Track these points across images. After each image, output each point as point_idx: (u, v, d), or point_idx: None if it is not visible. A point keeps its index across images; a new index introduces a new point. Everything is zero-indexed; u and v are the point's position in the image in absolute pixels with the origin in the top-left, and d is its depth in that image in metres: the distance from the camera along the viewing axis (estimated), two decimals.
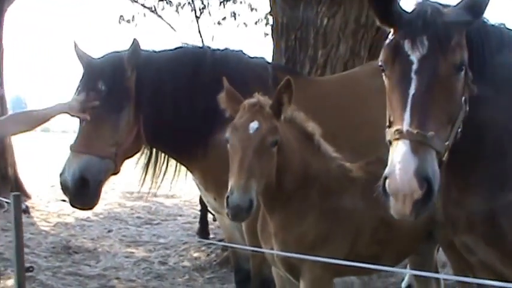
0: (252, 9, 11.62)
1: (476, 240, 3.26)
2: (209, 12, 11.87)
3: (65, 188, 4.59)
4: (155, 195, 14.75)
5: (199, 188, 5.29)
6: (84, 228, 10.77)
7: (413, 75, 2.76)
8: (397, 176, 2.61)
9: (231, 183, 3.44)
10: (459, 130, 2.89)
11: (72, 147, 4.62)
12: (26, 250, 8.69)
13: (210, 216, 10.54)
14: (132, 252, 9.11)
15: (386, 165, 4.16)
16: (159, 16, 12.60)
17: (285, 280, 4.24)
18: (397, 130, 2.70)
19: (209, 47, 5.28)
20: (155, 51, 5.02)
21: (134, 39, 4.78)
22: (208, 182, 4.98)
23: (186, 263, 8.52)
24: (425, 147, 2.65)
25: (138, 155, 5.05)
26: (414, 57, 2.78)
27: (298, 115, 3.92)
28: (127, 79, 4.72)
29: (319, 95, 5.04)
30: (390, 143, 2.79)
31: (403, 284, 6.61)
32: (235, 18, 11.75)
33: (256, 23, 11.90)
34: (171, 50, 5.08)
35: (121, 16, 13.02)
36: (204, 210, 10.22)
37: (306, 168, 3.88)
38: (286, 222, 3.86)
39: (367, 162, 4.29)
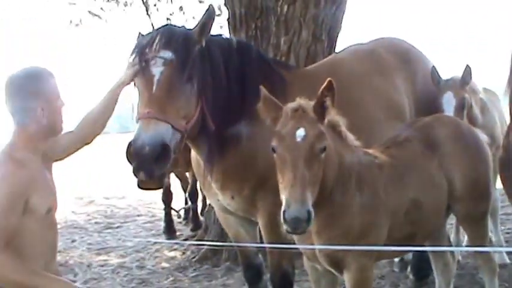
0: (201, 2, 11.55)
1: None
2: (157, 9, 11.82)
3: (139, 156, 4.11)
4: (106, 198, 14.68)
5: (203, 186, 5.24)
6: None
7: None
8: None
9: (286, 196, 3.39)
10: None
11: (143, 114, 4.21)
12: None
13: (173, 213, 10.51)
14: (106, 260, 8.91)
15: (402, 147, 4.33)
16: (103, 19, 12.49)
17: (320, 273, 4.28)
18: None
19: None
20: None
21: (210, 5, 4.60)
22: (227, 179, 4.86)
23: (164, 264, 8.42)
24: None
25: None
26: None
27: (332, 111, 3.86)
28: (196, 51, 4.47)
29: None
30: None
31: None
32: (184, 13, 11.71)
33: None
34: None
35: (70, 21, 12.90)
36: (168, 208, 10.17)
37: (341, 162, 3.88)
38: (330, 219, 3.87)
39: (385, 147, 4.38)
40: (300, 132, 3.50)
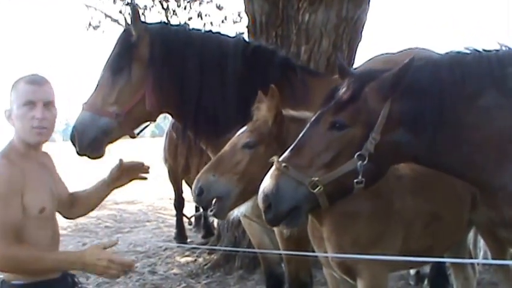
0: (220, 8, 11.57)
1: None
2: (176, 14, 11.87)
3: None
4: (116, 203, 14.67)
5: None
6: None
7: None
8: None
9: None
10: None
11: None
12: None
13: (185, 220, 10.50)
14: None
15: None
16: (120, 24, 12.55)
17: (339, 280, 4.25)
18: None
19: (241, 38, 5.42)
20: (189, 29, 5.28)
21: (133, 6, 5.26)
22: None
23: (176, 270, 8.39)
24: None
25: None
26: None
27: None
28: (131, 43, 4.83)
29: None
30: None
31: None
32: (201, 18, 11.73)
33: (222, 22, 11.94)
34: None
35: (89, 23, 13.09)
36: (179, 214, 10.17)
37: None
38: (339, 225, 3.85)
39: None
40: (242, 129, 3.97)
